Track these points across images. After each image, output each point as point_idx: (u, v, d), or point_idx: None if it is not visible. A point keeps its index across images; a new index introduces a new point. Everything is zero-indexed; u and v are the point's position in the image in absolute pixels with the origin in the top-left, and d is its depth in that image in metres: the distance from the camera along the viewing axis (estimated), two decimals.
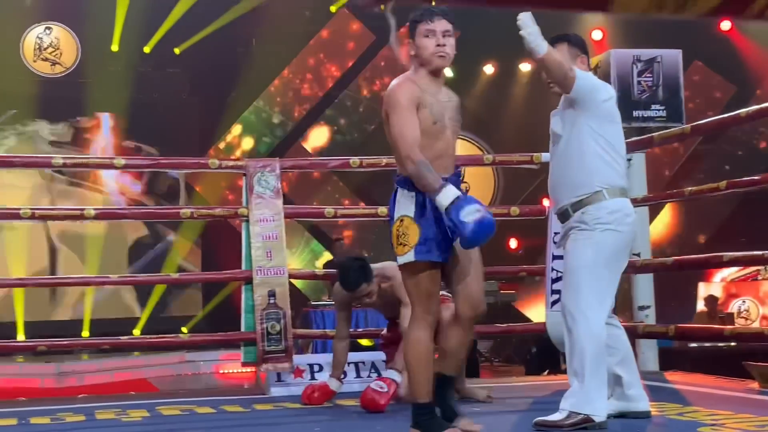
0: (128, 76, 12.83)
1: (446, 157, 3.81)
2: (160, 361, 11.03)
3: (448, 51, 3.85)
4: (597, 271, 3.95)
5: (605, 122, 4.06)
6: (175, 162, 6.04)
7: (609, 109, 4.09)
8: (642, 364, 6.21)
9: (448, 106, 3.85)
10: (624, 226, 4.00)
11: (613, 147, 4.06)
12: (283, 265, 5.72)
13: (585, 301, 3.96)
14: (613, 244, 3.96)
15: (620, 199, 4.02)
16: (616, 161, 4.06)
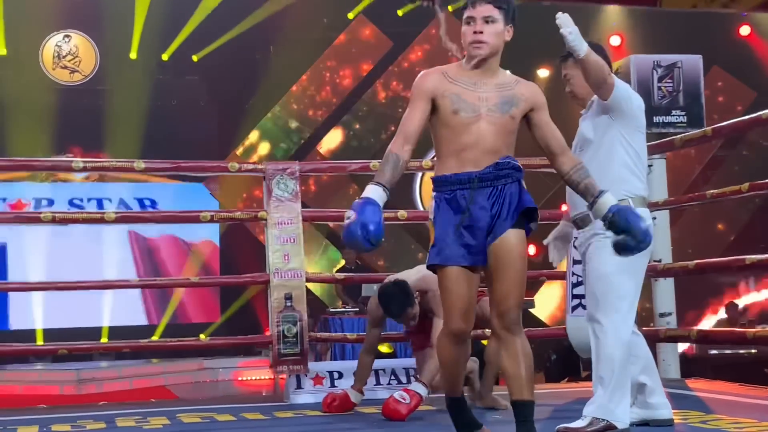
0: (147, 83, 12.89)
1: (475, 150, 3.50)
2: (179, 368, 11.02)
3: (484, 39, 3.52)
4: (623, 278, 3.97)
5: (636, 132, 4.10)
6: (196, 165, 6.05)
7: (641, 119, 4.14)
8: (663, 372, 6.16)
9: (490, 96, 3.53)
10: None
11: (639, 157, 4.10)
12: (301, 268, 5.72)
13: (612, 307, 3.97)
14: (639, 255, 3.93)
15: (642, 208, 4.03)
16: (641, 171, 4.11)
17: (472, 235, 3.47)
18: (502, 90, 3.56)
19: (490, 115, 3.51)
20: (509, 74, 3.68)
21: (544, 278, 7.06)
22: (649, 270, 5.92)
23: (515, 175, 3.53)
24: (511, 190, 3.51)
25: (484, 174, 3.49)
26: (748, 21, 13.75)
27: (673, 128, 6.29)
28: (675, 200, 6.18)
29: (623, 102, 4.04)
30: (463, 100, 3.51)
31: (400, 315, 4.97)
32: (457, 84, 3.54)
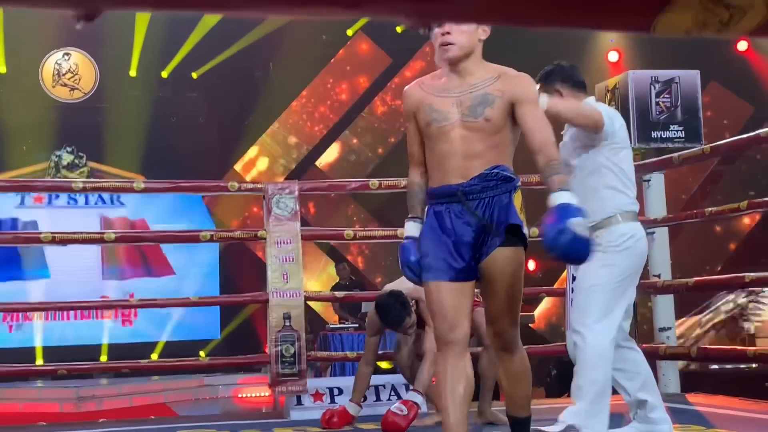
0: (146, 100, 12.92)
1: (455, 160, 3.32)
2: (179, 385, 11.02)
3: (452, 39, 3.31)
4: (608, 290, 4.00)
5: (620, 150, 4.13)
6: (195, 185, 6.07)
7: (623, 136, 4.16)
8: (663, 387, 6.17)
9: (464, 100, 3.34)
10: (636, 248, 4.07)
11: (625, 174, 4.14)
12: (300, 287, 5.73)
13: (592, 316, 3.98)
14: (626, 265, 4.04)
15: (633, 223, 4.10)
16: (628, 187, 4.14)
17: (458, 252, 3.31)
18: (475, 90, 3.35)
19: (465, 121, 3.33)
20: (495, 69, 3.42)
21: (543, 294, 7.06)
22: (648, 286, 5.98)
23: (504, 187, 3.34)
24: (501, 203, 3.32)
25: (469, 187, 3.31)
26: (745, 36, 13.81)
27: (671, 143, 6.30)
28: (674, 217, 6.21)
29: (608, 127, 4.06)
30: (435, 110, 3.36)
31: (398, 325, 5.01)
32: (431, 93, 3.41)
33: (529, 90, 3.38)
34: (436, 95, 3.40)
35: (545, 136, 3.33)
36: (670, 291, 5.99)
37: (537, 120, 3.35)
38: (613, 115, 4.16)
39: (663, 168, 6.14)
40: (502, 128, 3.35)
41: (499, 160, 3.36)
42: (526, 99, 3.34)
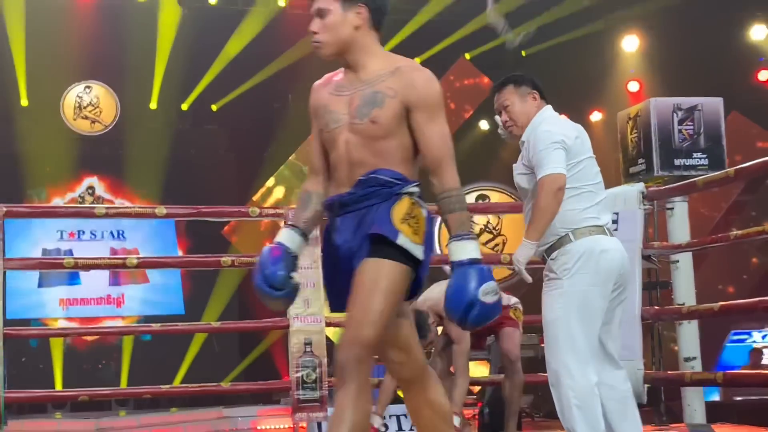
0: (166, 133, 12.99)
1: (342, 167, 2.89)
2: (198, 416, 10.93)
3: (318, 38, 2.96)
4: (570, 322, 3.84)
5: (575, 165, 3.96)
6: (216, 211, 6.06)
7: (580, 149, 4.01)
8: (689, 417, 6.08)
9: (354, 98, 2.91)
10: (594, 265, 3.87)
11: (582, 188, 3.97)
12: (320, 313, 5.70)
13: (565, 355, 3.83)
14: (582, 290, 3.86)
15: (590, 237, 3.91)
16: (585, 200, 3.96)
17: (338, 274, 2.91)
18: (366, 88, 2.91)
19: (352, 123, 2.89)
20: (392, 62, 2.94)
21: None
22: (672, 313, 5.91)
23: (383, 193, 2.87)
24: (378, 212, 2.86)
25: (345, 197, 2.90)
26: (766, 66, 13.77)
27: (694, 171, 6.26)
28: (698, 242, 6.14)
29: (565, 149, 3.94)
30: (329, 111, 2.96)
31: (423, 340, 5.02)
32: (330, 92, 3.01)
33: (427, 93, 2.87)
34: (331, 94, 2.99)
35: (441, 155, 2.94)
36: (695, 317, 5.92)
37: (433, 133, 2.89)
38: (568, 130, 4.02)
39: (687, 192, 6.08)
40: (392, 133, 2.87)
41: (388, 167, 2.88)
42: (422, 105, 2.85)
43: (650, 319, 5.94)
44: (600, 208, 4.01)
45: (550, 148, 3.91)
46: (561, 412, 3.87)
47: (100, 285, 12.87)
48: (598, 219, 3.97)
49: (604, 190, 4.11)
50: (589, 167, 4.03)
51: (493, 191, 14.39)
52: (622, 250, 4.01)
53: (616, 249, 3.96)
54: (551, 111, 4.15)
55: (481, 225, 14.38)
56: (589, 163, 4.04)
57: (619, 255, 3.97)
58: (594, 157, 4.10)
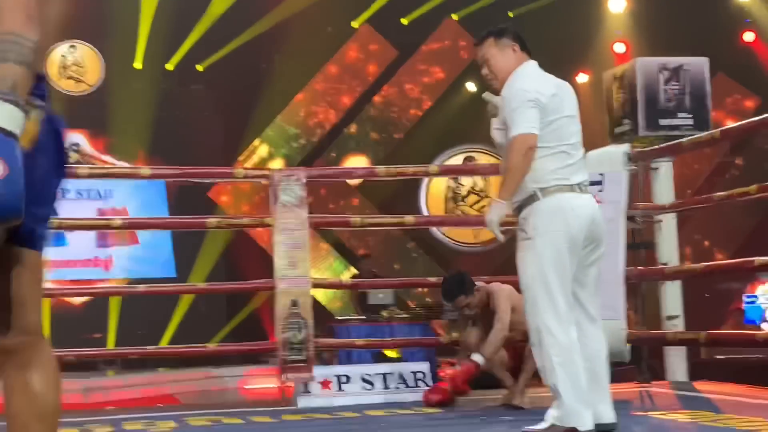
0: (151, 93, 12.91)
1: None
2: (186, 376, 11.02)
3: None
4: (546, 281, 3.86)
5: (548, 124, 3.93)
6: (202, 172, 6.04)
7: (555, 106, 3.97)
8: (671, 375, 6.16)
9: None
10: (563, 223, 3.88)
11: (555, 147, 3.95)
12: (307, 274, 5.71)
13: (544, 314, 3.85)
14: (554, 248, 3.87)
15: (557, 195, 3.91)
16: (556, 159, 3.94)
17: None
18: None
19: None
20: None
21: None
22: (655, 273, 5.96)
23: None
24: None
25: None
26: (752, 27, 13.77)
27: (679, 131, 6.25)
28: (681, 203, 6.18)
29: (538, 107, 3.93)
30: None
31: (450, 299, 5.40)
32: None
33: None
34: None
35: None
36: (679, 277, 5.97)
37: None
38: (545, 88, 3.98)
39: (672, 154, 6.10)
40: None
41: None
42: None
43: (633, 279, 5.99)
44: (574, 169, 3.99)
45: (523, 106, 3.91)
46: (543, 370, 3.92)
47: (87, 247, 12.81)
48: (568, 179, 3.96)
49: (581, 150, 4.08)
50: (566, 126, 4.01)
51: (480, 153, 14.39)
52: (593, 208, 4.01)
53: (585, 206, 3.97)
54: (533, 67, 4.11)
55: (468, 187, 14.40)
56: (566, 122, 4.01)
57: (589, 212, 3.97)
58: (574, 116, 4.07)
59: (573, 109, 4.08)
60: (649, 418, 4.56)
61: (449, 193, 14.39)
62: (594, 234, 3.97)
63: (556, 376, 3.83)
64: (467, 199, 14.38)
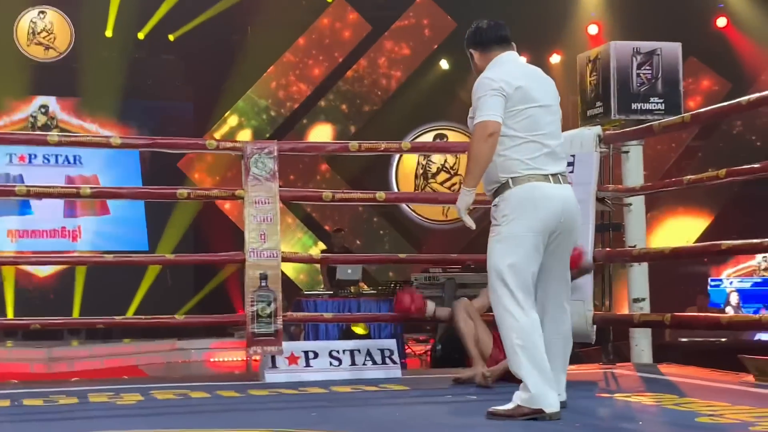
0: (122, 62, 12.79)
1: None
2: (151, 348, 11.00)
3: None
4: (507, 266, 3.93)
5: (517, 114, 3.99)
6: (173, 142, 5.97)
7: (522, 97, 4.01)
8: (636, 357, 6.21)
9: None
10: (531, 212, 3.94)
11: (524, 136, 4.00)
12: (277, 248, 5.67)
13: (505, 298, 3.92)
14: (519, 235, 3.94)
15: (529, 184, 3.97)
16: (526, 150, 3.99)
17: None
18: None
19: None
20: None
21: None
22: (623, 255, 6.00)
23: None
24: None
25: None
26: (725, 12, 13.84)
27: (651, 115, 6.28)
28: (651, 186, 6.22)
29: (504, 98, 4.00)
30: None
31: None
32: None
33: None
34: None
35: None
36: (646, 259, 6.01)
37: None
38: (512, 78, 4.02)
39: (643, 137, 6.13)
40: None
41: None
42: None
43: (601, 260, 6.02)
44: (549, 158, 4.03)
45: (487, 95, 3.97)
46: (507, 355, 3.97)
47: (54, 216, 12.66)
48: (541, 168, 4.00)
49: (557, 140, 4.10)
50: (539, 116, 4.04)
51: (451, 131, 14.40)
52: (565, 198, 4.04)
53: (557, 197, 4.00)
54: (507, 57, 4.15)
55: (438, 164, 14.42)
56: (539, 112, 4.04)
57: (560, 203, 4.00)
58: (550, 107, 4.10)
59: (548, 99, 4.11)
60: (614, 400, 4.60)
61: (419, 169, 14.40)
62: (566, 225, 4.02)
63: (518, 360, 3.88)
64: (437, 177, 14.40)
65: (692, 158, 14.04)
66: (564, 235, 4.04)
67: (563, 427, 3.80)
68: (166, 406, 4.63)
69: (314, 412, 4.29)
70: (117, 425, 3.90)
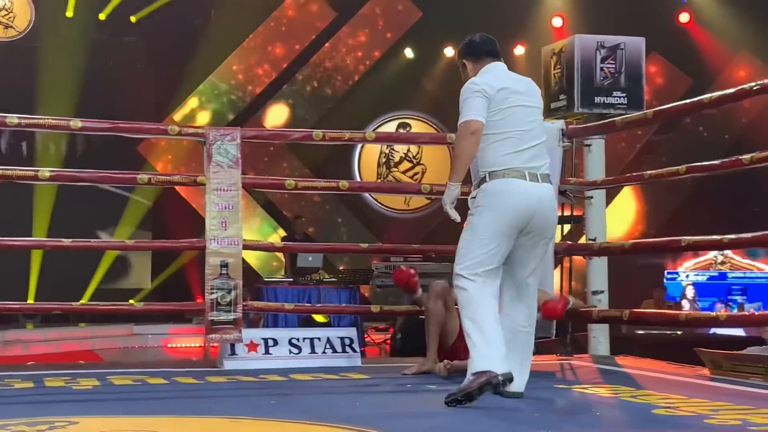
0: (83, 43, 12.64)
1: None
2: (108, 333, 10.91)
3: None
4: (473, 247, 4.13)
5: (497, 113, 4.19)
6: (134, 127, 5.91)
7: (502, 98, 4.20)
8: (593, 349, 6.27)
9: None
10: (499, 203, 4.13)
11: (503, 134, 4.18)
12: (238, 236, 5.64)
13: (463, 267, 4.13)
14: (487, 223, 4.13)
15: (503, 179, 4.15)
16: (504, 146, 4.17)
17: None
18: None
19: None
20: None
21: None
22: (584, 248, 6.04)
23: None
24: None
25: None
26: (687, 8, 13.95)
27: (613, 109, 6.34)
28: (612, 180, 6.26)
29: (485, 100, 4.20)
30: None
31: None
32: None
33: None
34: None
35: None
36: (607, 253, 6.05)
37: None
38: (494, 81, 4.23)
39: (605, 132, 6.18)
40: None
41: None
42: None
43: (562, 253, 6.06)
44: (527, 155, 4.19)
45: (470, 97, 4.19)
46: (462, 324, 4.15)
47: None
48: (518, 165, 4.17)
49: (537, 140, 4.25)
50: (519, 115, 4.22)
51: (414, 120, 14.40)
52: (540, 196, 4.18)
53: (530, 193, 4.15)
54: (494, 66, 4.35)
55: (401, 153, 14.42)
56: (520, 111, 4.23)
57: (533, 199, 4.15)
58: (533, 108, 4.30)
59: (532, 102, 4.32)
60: (572, 392, 4.63)
61: (382, 158, 14.39)
62: (539, 223, 4.19)
63: (468, 328, 4.06)
64: (400, 166, 14.39)
65: (653, 152, 14.17)
66: (537, 235, 4.23)
67: (521, 417, 3.82)
68: (123, 392, 4.60)
69: (273, 400, 4.27)
70: (74, 410, 3.85)
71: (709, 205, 13.07)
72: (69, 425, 3.47)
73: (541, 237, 4.24)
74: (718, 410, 3.84)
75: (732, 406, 3.98)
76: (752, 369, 4.87)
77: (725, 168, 5.10)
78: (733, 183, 11.30)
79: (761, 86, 4.82)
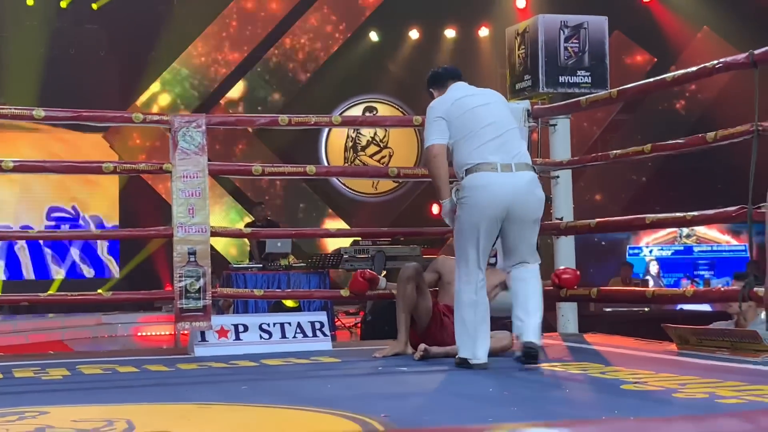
0: (44, 31, 12.50)
1: None
2: (76, 322, 10.84)
3: None
4: (460, 243, 4.57)
5: (455, 120, 4.59)
6: (98, 115, 5.86)
7: (456, 109, 4.60)
8: (562, 327, 6.32)
9: None
10: (474, 198, 4.47)
11: (468, 135, 4.54)
12: (206, 222, 5.62)
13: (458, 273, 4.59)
14: (465, 216, 4.52)
15: (475, 174, 4.49)
16: (469, 146, 4.53)
17: None
18: None
19: None
20: None
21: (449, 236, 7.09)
22: (551, 228, 6.08)
23: None
24: None
25: None
26: None
27: (577, 89, 6.37)
28: (578, 160, 6.30)
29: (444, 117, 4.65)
30: None
31: None
32: None
33: None
34: None
35: None
36: (573, 232, 6.10)
37: None
38: (447, 100, 4.66)
39: (570, 111, 6.21)
40: None
41: None
42: None
43: None
44: (491, 148, 4.51)
45: (430, 122, 4.66)
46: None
47: None
48: (485, 158, 4.49)
49: (498, 132, 4.56)
50: (475, 115, 4.59)
51: (380, 104, 14.39)
52: (515, 185, 4.48)
53: (503, 183, 4.46)
54: (455, 84, 4.77)
55: (368, 137, 14.41)
56: (476, 110, 4.60)
57: (508, 189, 4.47)
58: (488, 104, 4.65)
59: (488, 99, 4.70)
60: (542, 369, 4.67)
61: (349, 142, 14.38)
62: (518, 210, 4.50)
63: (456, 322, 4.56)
64: (367, 150, 14.39)
65: (617, 131, 14.26)
66: (521, 221, 4.53)
67: (491, 395, 3.86)
68: (93, 380, 4.57)
69: (245, 386, 4.27)
70: (44, 400, 3.83)
71: (674, 182, 13.19)
72: (39, 415, 3.45)
73: (524, 221, 4.55)
74: (685, 384, 3.90)
75: (699, 379, 4.03)
76: (718, 343, 4.94)
77: (690, 146, 5.14)
78: (697, 160, 11.41)
79: (723, 64, 4.86)
